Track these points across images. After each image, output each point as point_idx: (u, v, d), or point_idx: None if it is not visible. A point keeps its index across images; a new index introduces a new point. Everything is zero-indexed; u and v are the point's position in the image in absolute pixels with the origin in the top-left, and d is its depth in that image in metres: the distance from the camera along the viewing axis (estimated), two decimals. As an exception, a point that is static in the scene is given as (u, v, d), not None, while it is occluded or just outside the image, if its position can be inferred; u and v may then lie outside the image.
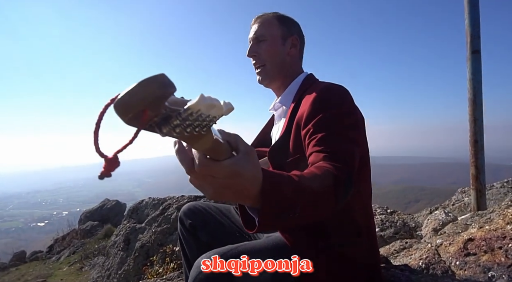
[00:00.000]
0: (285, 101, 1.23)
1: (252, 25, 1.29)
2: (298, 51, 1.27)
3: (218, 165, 0.53)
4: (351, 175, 0.83)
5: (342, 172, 0.80)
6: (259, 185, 0.59)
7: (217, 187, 0.56)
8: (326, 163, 0.82)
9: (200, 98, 0.41)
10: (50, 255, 10.76)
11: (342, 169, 0.81)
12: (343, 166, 0.82)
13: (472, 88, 2.42)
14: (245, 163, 0.55)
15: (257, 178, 0.58)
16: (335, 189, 0.75)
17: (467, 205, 3.78)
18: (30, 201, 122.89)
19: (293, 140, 1.07)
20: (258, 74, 1.27)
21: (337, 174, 0.77)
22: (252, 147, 0.59)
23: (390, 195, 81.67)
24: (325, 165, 0.80)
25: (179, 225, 1.48)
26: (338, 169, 0.79)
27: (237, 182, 0.55)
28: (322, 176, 0.75)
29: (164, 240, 3.97)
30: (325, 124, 0.95)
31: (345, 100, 1.02)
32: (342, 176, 0.79)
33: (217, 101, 0.44)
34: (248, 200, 0.61)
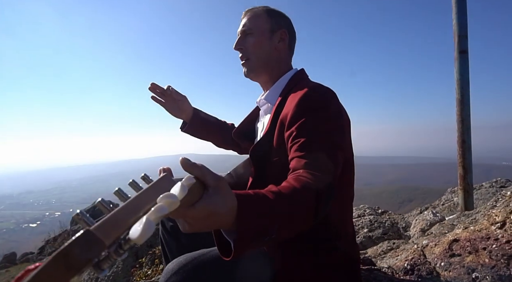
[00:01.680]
0: (271, 98, 1.20)
1: (241, 19, 1.27)
2: (287, 46, 1.24)
3: (192, 210, 0.54)
4: (332, 185, 0.82)
5: (323, 182, 0.79)
6: (234, 214, 0.59)
7: (194, 225, 0.57)
8: (307, 172, 0.81)
9: (142, 234, 0.38)
10: (41, 256, 10.61)
11: (323, 179, 0.80)
12: (324, 176, 0.81)
13: (459, 88, 2.43)
14: (217, 199, 0.56)
15: (231, 209, 0.58)
16: (315, 204, 0.74)
17: (456, 205, 3.79)
18: (22, 201, 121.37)
19: (276, 140, 1.05)
20: (244, 66, 1.24)
21: (318, 186, 0.76)
22: (220, 176, 0.58)
23: (383, 195, 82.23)
24: (305, 176, 0.80)
25: (160, 227, 1.45)
26: (318, 180, 0.79)
27: (213, 219, 0.57)
28: (301, 191, 0.74)
29: (153, 241, 3.92)
30: (309, 128, 0.93)
31: (331, 103, 1.00)
32: (322, 188, 0.77)
33: (170, 203, 0.44)
34: (225, 227, 0.62)
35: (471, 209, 2.31)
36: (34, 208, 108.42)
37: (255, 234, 0.63)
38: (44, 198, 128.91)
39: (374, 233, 2.43)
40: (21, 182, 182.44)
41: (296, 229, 0.73)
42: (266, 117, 1.23)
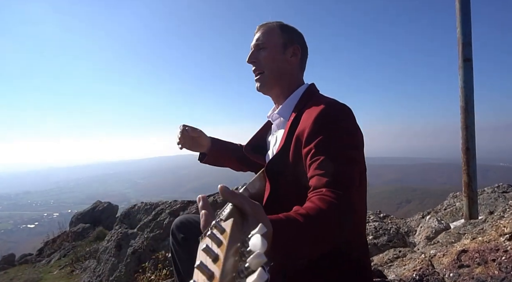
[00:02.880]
0: (284, 113, 1.21)
1: (255, 33, 1.29)
2: (299, 61, 1.26)
3: None
4: (355, 202, 0.86)
5: (346, 201, 0.83)
6: (270, 241, 0.62)
7: None
8: (329, 191, 0.84)
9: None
10: (40, 258, 10.57)
11: (346, 197, 0.83)
12: (346, 194, 0.84)
13: (463, 96, 2.44)
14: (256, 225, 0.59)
15: (268, 236, 0.62)
16: (341, 223, 0.79)
17: (458, 210, 3.81)
18: (19, 202, 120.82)
19: (293, 156, 1.06)
20: (257, 81, 1.26)
21: (342, 206, 0.81)
22: (258, 204, 0.62)
23: (382, 195, 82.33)
24: (328, 195, 0.83)
25: (171, 238, 1.46)
26: (341, 199, 0.82)
27: None
28: (327, 212, 0.78)
29: (156, 246, 3.93)
30: (327, 145, 0.95)
31: (347, 120, 1.02)
32: (346, 206, 0.82)
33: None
34: None
35: (476, 217, 2.32)
36: (32, 209, 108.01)
37: (287, 258, 0.67)
38: (42, 199, 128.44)
39: (379, 240, 2.44)
40: (18, 183, 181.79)
41: (324, 249, 0.77)
42: (279, 132, 1.24)
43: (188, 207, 4.19)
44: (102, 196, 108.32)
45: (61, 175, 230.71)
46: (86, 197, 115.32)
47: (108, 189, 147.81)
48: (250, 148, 1.41)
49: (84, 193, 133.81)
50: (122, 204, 78.58)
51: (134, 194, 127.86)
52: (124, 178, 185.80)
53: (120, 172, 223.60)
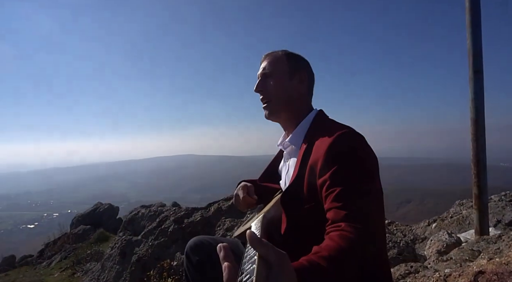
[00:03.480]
0: (295, 141, 1.21)
1: (261, 62, 1.30)
2: (307, 87, 1.26)
3: None
4: (376, 235, 0.87)
5: (367, 235, 0.83)
6: None
7: None
8: (349, 225, 0.84)
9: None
10: (41, 260, 10.55)
11: (367, 231, 0.83)
12: (366, 227, 0.84)
13: (474, 108, 2.42)
14: (280, 276, 0.59)
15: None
16: (365, 260, 0.79)
17: (465, 218, 3.80)
18: (19, 202, 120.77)
19: (307, 187, 1.05)
20: (265, 109, 1.26)
21: (364, 242, 0.81)
22: (283, 254, 0.62)
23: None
24: (348, 230, 0.82)
25: (185, 261, 1.44)
26: (362, 234, 0.82)
27: None
28: (350, 251, 0.78)
29: (161, 253, 3.91)
30: (342, 176, 0.94)
31: (360, 148, 1.01)
32: (368, 241, 0.82)
33: None
34: None
35: (487, 232, 2.30)
36: (32, 209, 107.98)
37: None
38: (42, 199, 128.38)
39: (389, 253, 2.42)
40: (18, 183, 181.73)
41: None
42: (291, 160, 1.23)
43: (192, 213, 4.17)
44: (102, 196, 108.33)
45: (61, 175, 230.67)
46: (86, 197, 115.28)
47: (108, 189, 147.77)
48: (264, 179, 1.43)
49: (84, 193, 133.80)
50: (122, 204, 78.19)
51: (134, 194, 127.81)
52: (124, 178, 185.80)
53: (120, 172, 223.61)
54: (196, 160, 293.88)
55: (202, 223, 3.96)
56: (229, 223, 3.79)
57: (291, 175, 1.17)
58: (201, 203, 34.66)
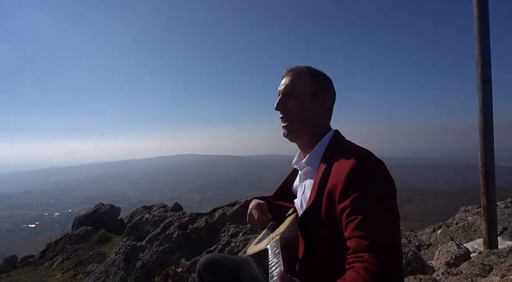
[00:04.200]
0: (312, 163, 1.20)
1: (283, 77, 1.27)
2: (328, 109, 1.24)
3: None
4: (399, 265, 0.87)
5: (391, 267, 0.83)
6: None
7: None
8: (372, 257, 0.84)
9: None
10: (43, 260, 10.56)
11: (390, 262, 0.83)
12: (389, 258, 0.84)
13: (483, 118, 2.41)
14: None
15: None
16: None
17: (471, 225, 3.78)
18: (20, 202, 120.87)
19: (325, 211, 1.05)
20: (284, 128, 1.24)
21: (387, 274, 0.81)
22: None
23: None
24: (372, 262, 0.82)
25: (197, 279, 1.44)
26: (386, 266, 0.82)
27: None
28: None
29: (165, 259, 3.90)
30: (363, 204, 0.94)
31: (380, 174, 1.01)
32: (392, 273, 0.82)
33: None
34: None
35: (496, 243, 2.29)
36: (33, 209, 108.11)
37: None
38: (43, 198, 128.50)
39: (397, 264, 2.41)
40: (19, 182, 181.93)
41: None
42: (308, 182, 1.22)
43: (196, 219, 4.17)
44: (103, 196, 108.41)
45: (62, 174, 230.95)
46: (87, 197, 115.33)
47: (109, 188, 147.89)
48: (277, 197, 1.42)
49: (84, 192, 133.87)
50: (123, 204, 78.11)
51: (135, 194, 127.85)
52: (124, 178, 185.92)
53: (121, 172, 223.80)
54: (197, 159, 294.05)
55: (206, 229, 3.95)
56: (233, 229, 3.79)
57: (307, 197, 1.17)
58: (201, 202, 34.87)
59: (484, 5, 2.39)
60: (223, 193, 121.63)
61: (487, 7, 2.40)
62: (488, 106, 2.40)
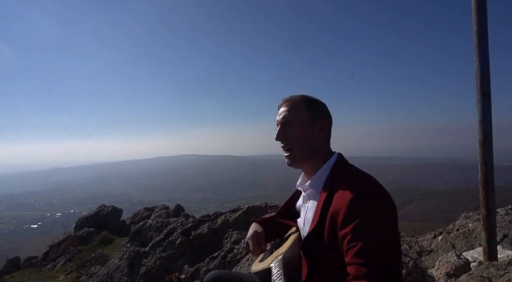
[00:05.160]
0: (315, 186, 1.25)
1: (279, 108, 1.33)
2: (327, 133, 1.29)
3: None
4: None
5: None
6: None
7: None
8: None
9: None
10: (46, 262, 10.62)
11: None
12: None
13: (482, 130, 2.45)
14: None
15: None
16: None
17: (471, 232, 3.81)
18: (22, 202, 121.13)
19: (328, 235, 1.09)
20: (287, 157, 1.30)
21: None
22: None
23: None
24: None
25: None
26: None
27: None
28: None
29: (169, 266, 3.95)
30: (364, 231, 0.98)
31: (382, 201, 1.05)
32: None
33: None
34: None
35: (495, 254, 2.33)
36: (35, 209, 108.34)
37: None
38: (45, 199, 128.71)
39: (398, 274, 2.45)
40: (21, 183, 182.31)
41: None
42: (311, 203, 1.27)
43: (199, 225, 4.21)
44: (104, 196, 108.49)
45: (64, 175, 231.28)
46: (88, 197, 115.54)
47: (110, 189, 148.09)
48: (281, 216, 1.47)
49: (86, 193, 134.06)
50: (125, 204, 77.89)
51: (136, 194, 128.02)
52: (125, 178, 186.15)
53: (122, 172, 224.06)
54: (198, 159, 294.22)
55: (209, 235, 4.00)
56: (236, 236, 3.83)
57: (310, 218, 1.21)
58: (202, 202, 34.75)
59: (483, 20, 2.43)
60: (224, 193, 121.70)
61: (486, 21, 2.44)
62: (487, 118, 2.44)
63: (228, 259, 3.65)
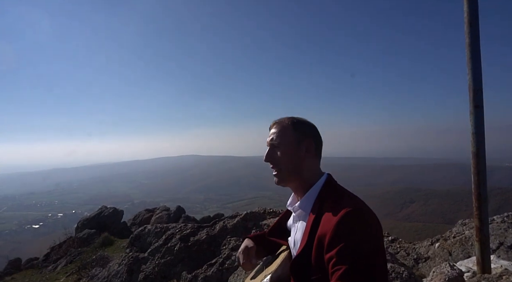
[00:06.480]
0: (304, 207, 1.29)
1: (269, 128, 1.38)
2: (314, 154, 1.33)
3: None
4: None
5: None
6: None
7: None
8: None
9: None
10: (47, 263, 10.67)
11: None
12: None
13: (475, 141, 2.47)
14: None
15: None
16: None
17: (468, 239, 3.84)
18: (24, 203, 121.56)
19: (315, 258, 1.13)
20: (275, 176, 1.34)
21: None
22: None
23: (386, 196, 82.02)
24: None
25: None
26: None
27: None
28: None
29: (167, 272, 3.98)
30: (348, 255, 1.02)
31: (366, 226, 1.09)
32: None
33: None
34: None
35: (488, 265, 2.35)
36: (36, 209, 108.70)
37: None
38: (46, 199, 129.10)
39: (392, 284, 2.48)
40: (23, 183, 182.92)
41: None
42: (300, 224, 1.31)
43: (198, 231, 4.24)
44: (106, 197, 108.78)
45: (65, 175, 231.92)
46: (90, 198, 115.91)
47: (112, 189, 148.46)
48: (273, 234, 1.52)
49: (88, 193, 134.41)
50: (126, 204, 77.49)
51: (138, 195, 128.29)
52: (128, 179, 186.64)
53: (124, 173, 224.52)
54: (200, 160, 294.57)
55: (207, 241, 4.03)
56: (234, 243, 3.86)
57: (299, 239, 1.25)
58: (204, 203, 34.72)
59: (475, 33, 2.46)
60: (226, 193, 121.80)
61: (478, 35, 2.46)
62: (480, 130, 2.46)
63: (226, 266, 3.68)
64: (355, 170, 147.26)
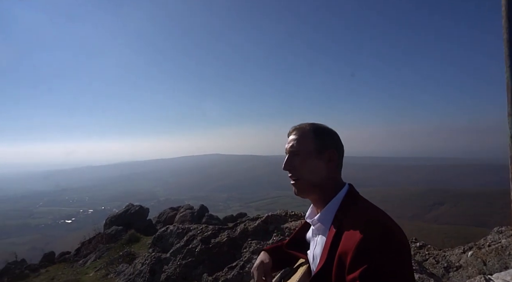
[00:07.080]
0: (324, 220, 1.20)
1: (288, 136, 1.29)
2: (336, 164, 1.24)
3: None
4: None
5: None
6: None
7: None
8: None
9: None
10: (77, 258, 11.18)
11: None
12: None
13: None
14: None
15: None
16: None
17: (505, 248, 3.58)
18: (57, 198, 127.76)
19: (336, 277, 1.06)
20: (293, 186, 1.26)
21: None
22: None
23: (412, 197, 79.29)
24: None
25: None
26: None
27: None
28: None
29: (188, 273, 4.00)
30: (372, 277, 0.94)
31: (390, 243, 0.99)
32: None
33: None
34: None
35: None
36: (69, 205, 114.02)
37: None
38: (78, 196, 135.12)
39: (420, 297, 2.34)
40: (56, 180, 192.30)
41: None
42: (319, 238, 1.23)
43: (219, 233, 4.24)
44: (133, 194, 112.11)
45: (95, 173, 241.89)
46: (118, 194, 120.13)
47: (139, 187, 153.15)
48: (291, 246, 1.43)
49: (116, 190, 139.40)
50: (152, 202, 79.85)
51: (163, 192, 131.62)
52: (153, 177, 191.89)
53: (150, 171, 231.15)
54: (222, 159, 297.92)
55: (228, 244, 4.01)
56: (255, 246, 3.82)
57: (318, 254, 1.18)
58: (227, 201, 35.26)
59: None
60: (248, 192, 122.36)
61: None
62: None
63: (247, 269, 3.65)
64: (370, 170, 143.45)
